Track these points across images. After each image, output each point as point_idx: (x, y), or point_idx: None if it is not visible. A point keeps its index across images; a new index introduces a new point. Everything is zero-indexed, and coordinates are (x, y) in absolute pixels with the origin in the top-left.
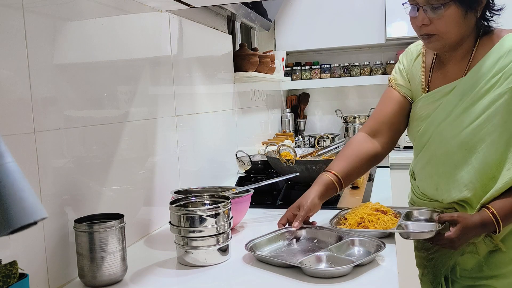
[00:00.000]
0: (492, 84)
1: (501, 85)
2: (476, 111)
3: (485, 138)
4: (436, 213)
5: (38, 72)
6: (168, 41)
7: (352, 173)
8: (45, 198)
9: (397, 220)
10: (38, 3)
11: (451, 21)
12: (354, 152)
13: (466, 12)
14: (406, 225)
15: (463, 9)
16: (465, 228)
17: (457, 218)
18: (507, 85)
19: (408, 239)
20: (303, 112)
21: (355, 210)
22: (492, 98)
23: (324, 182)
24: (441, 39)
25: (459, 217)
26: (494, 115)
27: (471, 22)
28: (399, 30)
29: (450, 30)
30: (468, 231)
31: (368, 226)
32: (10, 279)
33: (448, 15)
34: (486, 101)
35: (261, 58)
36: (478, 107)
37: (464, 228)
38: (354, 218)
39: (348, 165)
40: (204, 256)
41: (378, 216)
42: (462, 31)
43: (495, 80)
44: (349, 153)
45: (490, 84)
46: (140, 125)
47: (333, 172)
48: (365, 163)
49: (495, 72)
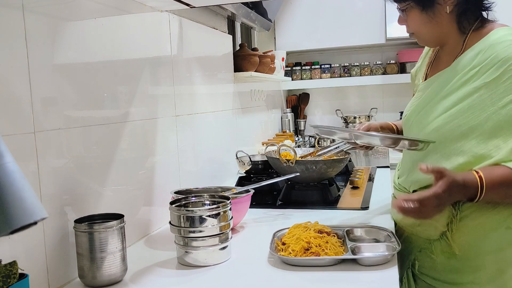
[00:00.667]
0: (469, 77)
1: (478, 79)
2: (450, 101)
3: (455, 129)
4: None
5: (38, 72)
6: (168, 41)
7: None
8: (45, 198)
9: (341, 241)
10: (38, 3)
11: (416, 21)
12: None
13: (426, 12)
14: (358, 247)
15: (420, 10)
16: (452, 183)
17: (443, 170)
18: (483, 80)
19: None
20: (303, 112)
21: (292, 232)
22: (467, 91)
23: (385, 123)
24: (419, 38)
25: (445, 170)
26: (467, 108)
27: (444, 19)
28: (399, 30)
29: (420, 29)
30: (454, 187)
31: (319, 252)
32: (10, 279)
33: (411, 16)
34: (462, 93)
35: (261, 58)
36: (453, 98)
37: (451, 183)
38: (299, 243)
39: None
40: (204, 256)
41: (325, 239)
42: (435, 29)
43: (473, 73)
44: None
45: (467, 77)
46: (140, 125)
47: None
48: None
49: (473, 65)
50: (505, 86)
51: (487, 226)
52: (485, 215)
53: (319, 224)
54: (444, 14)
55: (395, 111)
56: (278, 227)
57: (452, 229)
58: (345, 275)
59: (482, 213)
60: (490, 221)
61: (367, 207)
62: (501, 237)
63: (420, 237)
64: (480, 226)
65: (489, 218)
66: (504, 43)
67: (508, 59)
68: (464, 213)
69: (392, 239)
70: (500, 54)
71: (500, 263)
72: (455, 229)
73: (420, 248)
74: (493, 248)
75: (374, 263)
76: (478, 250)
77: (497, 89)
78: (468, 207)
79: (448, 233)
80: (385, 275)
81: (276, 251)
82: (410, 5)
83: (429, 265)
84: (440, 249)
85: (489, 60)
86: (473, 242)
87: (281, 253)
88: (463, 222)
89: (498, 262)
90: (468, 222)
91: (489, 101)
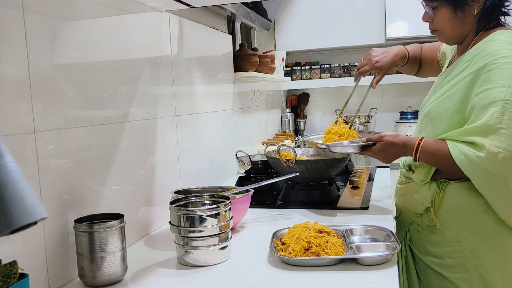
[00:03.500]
0: (463, 69)
1: (468, 69)
2: (444, 88)
3: (442, 112)
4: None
5: (38, 72)
6: (168, 41)
7: (415, 60)
8: (45, 198)
9: (341, 240)
10: (38, 3)
11: (443, 20)
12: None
13: (455, 12)
14: (358, 247)
15: (452, 9)
16: (387, 144)
17: (383, 137)
18: (470, 70)
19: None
20: (303, 112)
21: (292, 232)
22: (458, 79)
23: (397, 50)
24: (441, 35)
25: (386, 136)
26: (454, 93)
27: (468, 20)
28: (399, 30)
29: (445, 28)
30: (391, 147)
31: (319, 252)
32: (10, 279)
33: (439, 14)
34: (454, 82)
35: (261, 58)
36: (447, 86)
37: (386, 144)
38: (299, 243)
39: (416, 51)
40: (204, 256)
41: (325, 239)
42: (458, 28)
43: (466, 65)
44: (418, 49)
45: (461, 68)
46: (140, 125)
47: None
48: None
49: (469, 58)
50: (483, 77)
51: (467, 208)
52: (466, 198)
53: (319, 224)
54: (471, 15)
55: (395, 111)
56: (278, 227)
57: (435, 206)
58: (345, 275)
59: (464, 195)
60: (470, 204)
61: (367, 207)
62: (478, 219)
63: (411, 211)
64: (460, 206)
65: (469, 201)
66: (496, 41)
67: (494, 54)
68: (447, 193)
69: (392, 239)
70: (489, 49)
71: (474, 241)
72: (438, 206)
73: (411, 221)
74: (469, 228)
75: (374, 263)
76: (456, 227)
77: (478, 79)
78: (451, 189)
79: (432, 208)
80: (385, 274)
81: (276, 251)
82: (442, 4)
83: (417, 238)
84: (425, 223)
85: (479, 53)
86: (452, 220)
87: (280, 253)
88: (445, 200)
89: (472, 240)
90: (449, 202)
91: (471, 88)
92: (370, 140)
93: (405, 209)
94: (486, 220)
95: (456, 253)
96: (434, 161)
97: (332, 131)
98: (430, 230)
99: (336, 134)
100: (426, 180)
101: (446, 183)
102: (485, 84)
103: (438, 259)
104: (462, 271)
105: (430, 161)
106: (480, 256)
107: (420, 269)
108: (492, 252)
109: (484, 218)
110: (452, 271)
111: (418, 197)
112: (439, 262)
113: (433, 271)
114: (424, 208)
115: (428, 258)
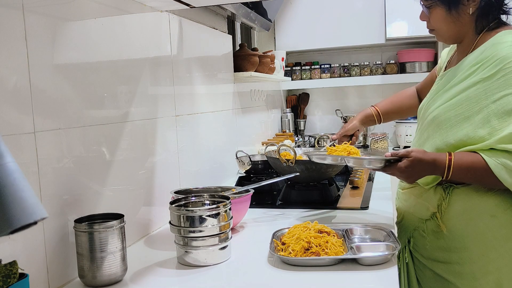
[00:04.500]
0: (470, 72)
1: (477, 75)
2: (451, 93)
3: (451, 118)
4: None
5: (38, 72)
6: (168, 41)
7: (391, 116)
8: (45, 198)
9: (341, 240)
10: (38, 3)
11: (439, 19)
12: (400, 100)
13: (450, 11)
14: (358, 247)
15: (446, 8)
16: (415, 160)
17: (410, 153)
18: (481, 76)
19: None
20: (303, 112)
21: (292, 232)
22: (467, 85)
23: (366, 113)
24: (438, 34)
25: (413, 151)
26: (463, 100)
27: (464, 19)
28: (399, 30)
29: (441, 27)
30: (419, 164)
31: (319, 252)
32: (10, 279)
33: (435, 14)
34: (462, 87)
35: (261, 58)
36: (454, 90)
37: (414, 160)
38: (299, 243)
39: (390, 108)
40: (204, 256)
41: (325, 239)
42: (454, 27)
43: (474, 69)
44: (395, 100)
45: (469, 72)
46: (140, 125)
47: (376, 108)
48: (404, 112)
49: (476, 62)
50: (498, 83)
51: (474, 212)
52: (473, 202)
53: (319, 224)
54: (466, 14)
55: None
56: (278, 227)
57: (442, 211)
58: (345, 275)
59: (470, 199)
60: (476, 208)
61: (367, 207)
62: (485, 223)
63: (415, 216)
64: (467, 211)
65: (476, 205)
66: (506, 43)
67: (505, 58)
68: (453, 197)
69: (391, 239)
70: (499, 53)
71: (481, 247)
72: (444, 211)
73: (415, 227)
74: (477, 233)
75: (374, 263)
76: (464, 233)
77: (492, 85)
78: (458, 193)
79: (438, 214)
80: (385, 274)
81: (276, 251)
82: (436, 3)
83: (421, 243)
84: (431, 228)
85: (489, 57)
86: (460, 225)
87: (280, 253)
88: (452, 205)
89: (480, 245)
90: (456, 206)
91: (483, 95)
92: (395, 156)
93: (408, 214)
94: (493, 224)
95: (463, 259)
96: (470, 176)
97: (339, 149)
98: (436, 235)
99: (345, 151)
100: (432, 184)
101: (452, 187)
102: (503, 90)
103: (444, 264)
104: (470, 278)
105: (465, 177)
106: (488, 262)
107: (421, 276)
108: (500, 258)
109: (491, 222)
110: (460, 277)
111: (422, 202)
112: (445, 268)
113: (436, 278)
114: (430, 213)
115: (434, 263)
